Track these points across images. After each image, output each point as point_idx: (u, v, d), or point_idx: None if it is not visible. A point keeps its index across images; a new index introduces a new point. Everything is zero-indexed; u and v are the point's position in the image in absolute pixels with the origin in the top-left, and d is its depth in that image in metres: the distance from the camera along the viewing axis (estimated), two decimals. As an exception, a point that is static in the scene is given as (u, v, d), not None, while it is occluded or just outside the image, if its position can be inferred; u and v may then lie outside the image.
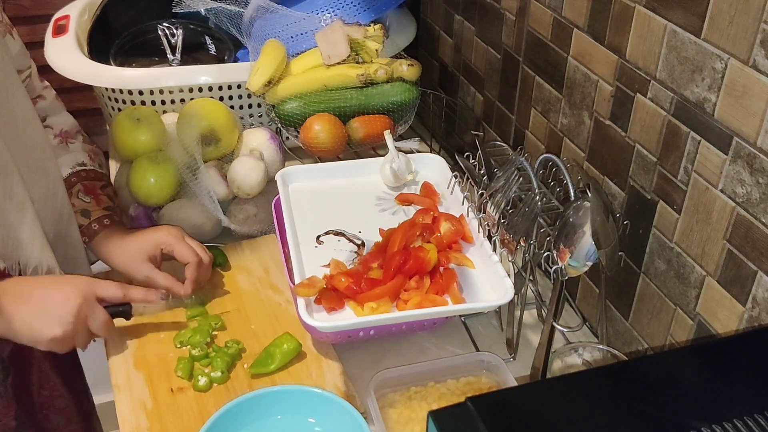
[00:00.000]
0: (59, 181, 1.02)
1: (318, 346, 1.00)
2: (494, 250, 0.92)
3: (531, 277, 1.00)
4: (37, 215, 0.94)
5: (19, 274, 0.93)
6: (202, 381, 0.94)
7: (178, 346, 1.00)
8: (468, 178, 1.02)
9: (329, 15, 1.33)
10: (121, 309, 0.99)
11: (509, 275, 0.88)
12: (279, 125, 1.30)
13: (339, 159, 1.25)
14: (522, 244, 0.92)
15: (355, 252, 0.96)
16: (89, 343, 0.96)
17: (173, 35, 1.44)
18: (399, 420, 0.87)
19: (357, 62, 1.30)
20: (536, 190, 0.93)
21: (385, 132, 1.13)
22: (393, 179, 1.07)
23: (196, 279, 1.04)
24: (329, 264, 0.93)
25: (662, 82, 0.84)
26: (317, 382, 0.95)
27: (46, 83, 1.14)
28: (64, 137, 1.12)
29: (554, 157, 0.96)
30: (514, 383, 0.89)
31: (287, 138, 1.32)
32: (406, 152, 1.13)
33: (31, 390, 1.03)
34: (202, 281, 1.07)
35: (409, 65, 1.30)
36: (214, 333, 1.02)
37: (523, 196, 0.94)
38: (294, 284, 0.87)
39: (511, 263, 0.93)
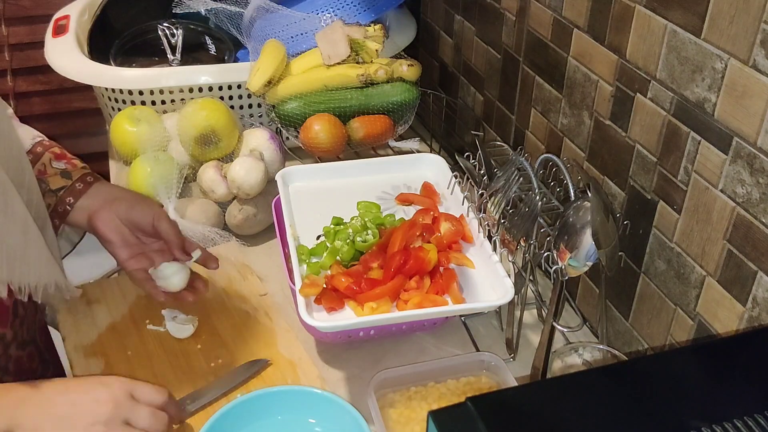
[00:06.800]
0: (34, 185, 0.92)
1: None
2: (494, 250, 0.92)
3: (531, 277, 1.00)
4: (40, 232, 0.86)
5: (29, 297, 0.84)
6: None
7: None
8: (468, 178, 1.02)
9: (329, 15, 1.33)
10: None
11: (509, 275, 0.88)
12: (279, 125, 1.30)
13: (339, 159, 1.25)
14: (522, 244, 0.92)
15: (355, 252, 0.96)
16: None
17: (173, 35, 1.44)
18: (399, 420, 0.87)
19: (357, 62, 1.30)
20: (536, 190, 0.93)
21: None
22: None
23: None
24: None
25: (662, 82, 0.84)
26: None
27: None
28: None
29: (554, 157, 0.96)
30: (514, 383, 0.89)
31: (287, 138, 1.32)
32: (406, 152, 1.13)
33: None
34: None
35: (409, 65, 1.30)
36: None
37: (523, 196, 0.94)
38: (294, 284, 0.87)
39: (511, 263, 0.93)
